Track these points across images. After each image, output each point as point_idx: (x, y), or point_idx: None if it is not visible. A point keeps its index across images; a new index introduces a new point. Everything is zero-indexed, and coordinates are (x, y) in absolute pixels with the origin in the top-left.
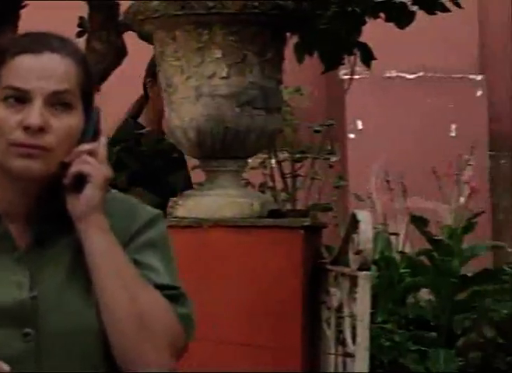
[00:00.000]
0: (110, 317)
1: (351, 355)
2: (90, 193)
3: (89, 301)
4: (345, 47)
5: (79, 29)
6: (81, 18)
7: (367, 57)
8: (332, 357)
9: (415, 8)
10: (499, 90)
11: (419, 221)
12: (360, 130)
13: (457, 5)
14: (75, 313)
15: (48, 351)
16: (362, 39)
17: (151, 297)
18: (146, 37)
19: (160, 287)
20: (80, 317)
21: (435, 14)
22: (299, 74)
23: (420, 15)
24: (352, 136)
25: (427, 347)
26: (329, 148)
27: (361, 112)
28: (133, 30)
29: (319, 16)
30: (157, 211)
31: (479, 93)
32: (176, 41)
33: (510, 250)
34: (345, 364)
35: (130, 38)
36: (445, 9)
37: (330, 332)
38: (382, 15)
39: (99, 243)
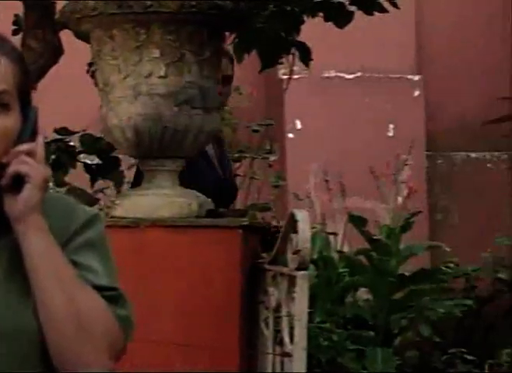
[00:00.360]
0: (48, 318)
1: (289, 355)
2: (28, 193)
3: (27, 302)
4: (283, 46)
5: (14, 27)
6: (16, 16)
7: (306, 56)
8: (270, 356)
9: (353, 8)
10: (436, 90)
11: (357, 221)
12: (299, 129)
13: (394, 5)
14: (13, 314)
15: None
16: (302, 39)
17: (89, 298)
18: (83, 36)
19: (99, 289)
20: (18, 318)
21: (372, 14)
22: (238, 73)
23: (359, 16)
24: (290, 136)
25: (365, 346)
26: (268, 147)
27: (300, 112)
28: (69, 29)
29: (257, 15)
30: (95, 211)
31: (417, 93)
32: (113, 40)
33: (447, 250)
34: (282, 364)
35: (67, 36)
36: (382, 10)
37: (268, 332)
38: (321, 14)
39: (38, 244)
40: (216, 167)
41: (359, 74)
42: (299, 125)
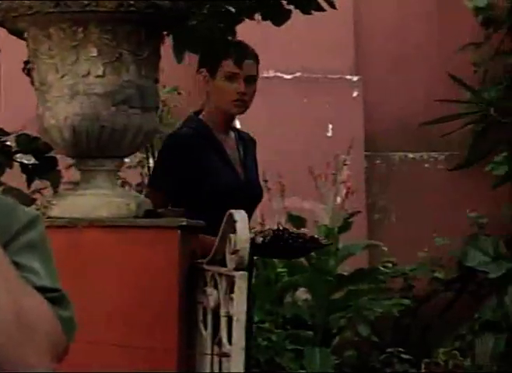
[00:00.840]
0: None
1: (227, 355)
2: None
3: None
4: (221, 47)
5: None
6: None
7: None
8: (208, 357)
9: (291, 7)
10: (374, 91)
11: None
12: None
13: (331, 4)
14: None
15: None
16: (241, 39)
17: (32, 300)
18: (19, 34)
19: (41, 290)
20: None
21: (310, 13)
22: (176, 73)
23: (298, 17)
24: None
25: (303, 346)
26: None
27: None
28: (5, 27)
29: (194, 15)
30: (36, 212)
31: (355, 94)
32: (50, 39)
33: (384, 249)
34: (221, 364)
35: (1, 32)
36: (320, 9)
37: (206, 333)
38: (258, 14)
39: None
40: (235, 168)
41: (298, 74)
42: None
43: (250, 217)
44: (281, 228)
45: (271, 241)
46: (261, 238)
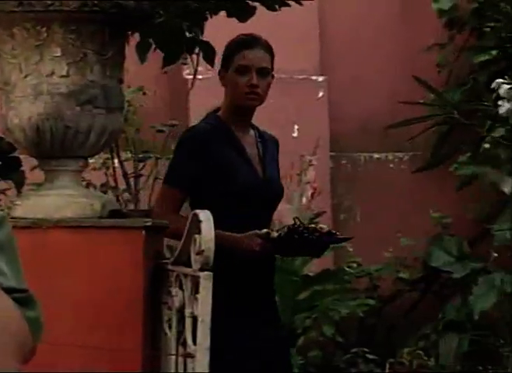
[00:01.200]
0: None
1: (192, 355)
2: None
3: None
4: (186, 44)
5: None
6: None
7: (209, 55)
8: (173, 357)
9: (256, 4)
10: (339, 91)
11: None
12: None
13: (297, 1)
14: None
15: None
16: (207, 39)
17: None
18: None
19: (8, 291)
20: None
21: (276, 10)
22: (142, 73)
23: (263, 17)
24: None
25: None
26: (172, 148)
27: (205, 112)
28: None
29: (159, 13)
30: (1, 213)
31: (321, 94)
32: (13, 38)
33: (350, 250)
34: (185, 365)
35: None
36: (284, 4)
37: (171, 333)
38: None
39: None
40: (254, 166)
41: None
42: None
43: (271, 215)
44: (297, 222)
45: (287, 235)
46: (276, 233)
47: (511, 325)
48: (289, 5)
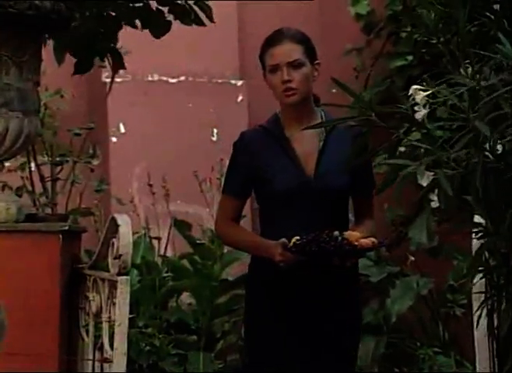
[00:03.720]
0: None
1: (109, 360)
2: None
3: None
4: (98, 51)
5: None
6: None
7: (117, 63)
8: (90, 362)
9: (171, 17)
10: (259, 95)
11: (181, 225)
12: (123, 133)
13: (210, 19)
14: None
15: None
16: (125, 40)
17: None
18: None
19: None
20: None
21: (190, 25)
22: (60, 76)
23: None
24: (114, 139)
25: (187, 351)
26: (91, 151)
27: (124, 115)
28: None
29: (75, 18)
30: None
31: (240, 98)
32: None
33: None
34: (102, 370)
35: None
36: (200, 23)
37: (88, 338)
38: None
39: None
40: (303, 165)
41: (182, 78)
42: (122, 129)
43: (326, 211)
44: (324, 233)
45: (302, 246)
46: (293, 243)
47: (427, 327)
48: (204, 25)
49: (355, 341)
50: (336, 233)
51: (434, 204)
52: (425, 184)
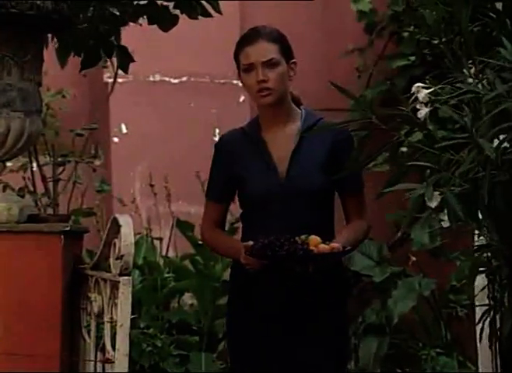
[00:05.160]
0: None
1: (111, 361)
2: None
3: None
4: (104, 48)
5: None
6: None
7: (125, 60)
8: (92, 363)
9: (177, 11)
10: None
11: (183, 226)
12: (125, 133)
13: (217, 10)
14: None
15: None
16: (127, 41)
17: None
18: None
19: None
20: None
21: (197, 18)
22: (62, 76)
23: (185, 21)
24: (116, 140)
25: (189, 351)
26: (92, 151)
27: (125, 115)
28: None
29: (78, 17)
30: None
31: (242, 99)
32: None
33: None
34: (104, 371)
35: None
36: (206, 14)
37: (90, 339)
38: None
39: None
40: (277, 168)
41: (184, 78)
42: (124, 129)
43: (304, 213)
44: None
45: (258, 250)
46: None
47: (429, 328)
48: (211, 16)
49: (341, 342)
50: (302, 237)
51: (445, 224)
52: (433, 206)
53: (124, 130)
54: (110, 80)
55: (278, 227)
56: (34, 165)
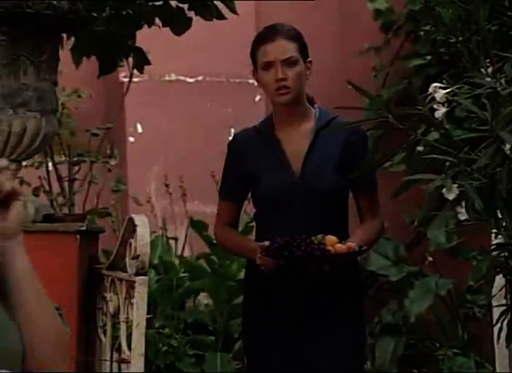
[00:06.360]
0: (35, 333)
1: (126, 361)
2: (20, 210)
3: (13, 324)
4: (120, 51)
5: None
6: None
7: (141, 62)
8: (107, 363)
9: (192, 13)
10: None
11: (198, 226)
12: (140, 133)
13: (233, 11)
14: (6, 338)
15: None
16: (143, 40)
17: (58, 319)
18: None
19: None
20: (10, 342)
21: (211, 20)
22: (77, 76)
23: (200, 21)
24: (131, 139)
25: (204, 351)
26: (108, 151)
27: (141, 115)
28: None
29: (95, 18)
30: None
31: (258, 98)
32: None
33: None
34: (120, 371)
35: None
36: (221, 16)
37: (106, 339)
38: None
39: (25, 261)
40: (292, 166)
41: (200, 78)
42: (140, 129)
43: (318, 212)
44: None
45: (275, 251)
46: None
47: (446, 328)
48: (225, 18)
49: (358, 342)
50: (319, 237)
51: (462, 216)
52: (451, 198)
53: (140, 130)
54: (126, 79)
55: (292, 226)
56: (50, 164)
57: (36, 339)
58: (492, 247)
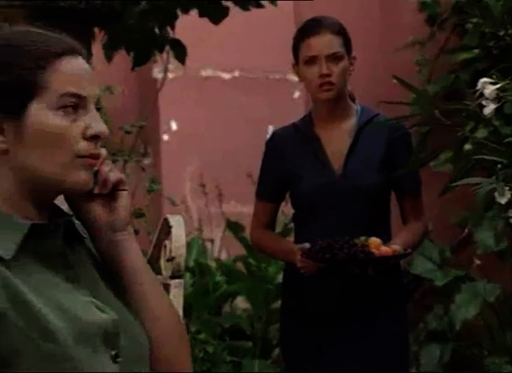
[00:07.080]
0: (158, 328)
1: None
2: (127, 201)
3: (136, 318)
4: (155, 43)
5: None
6: None
7: (181, 53)
8: None
9: (229, 3)
10: None
11: (235, 227)
12: (175, 131)
13: (272, 2)
14: (136, 333)
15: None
16: (178, 36)
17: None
18: None
19: None
20: (140, 337)
21: (249, 10)
22: (109, 72)
23: (238, 15)
24: (165, 137)
25: (242, 358)
26: (141, 150)
27: (175, 112)
28: None
29: (129, 12)
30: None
31: (297, 95)
32: None
33: None
34: None
35: None
36: (259, 5)
37: None
38: (195, 10)
39: (139, 253)
40: (331, 165)
41: (237, 74)
42: (174, 126)
43: (360, 212)
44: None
45: (316, 253)
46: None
47: (495, 335)
48: (263, 7)
49: (401, 348)
50: (362, 239)
51: None
52: (503, 202)
53: (174, 128)
54: (160, 76)
55: (333, 226)
56: None
57: (162, 332)
58: None
